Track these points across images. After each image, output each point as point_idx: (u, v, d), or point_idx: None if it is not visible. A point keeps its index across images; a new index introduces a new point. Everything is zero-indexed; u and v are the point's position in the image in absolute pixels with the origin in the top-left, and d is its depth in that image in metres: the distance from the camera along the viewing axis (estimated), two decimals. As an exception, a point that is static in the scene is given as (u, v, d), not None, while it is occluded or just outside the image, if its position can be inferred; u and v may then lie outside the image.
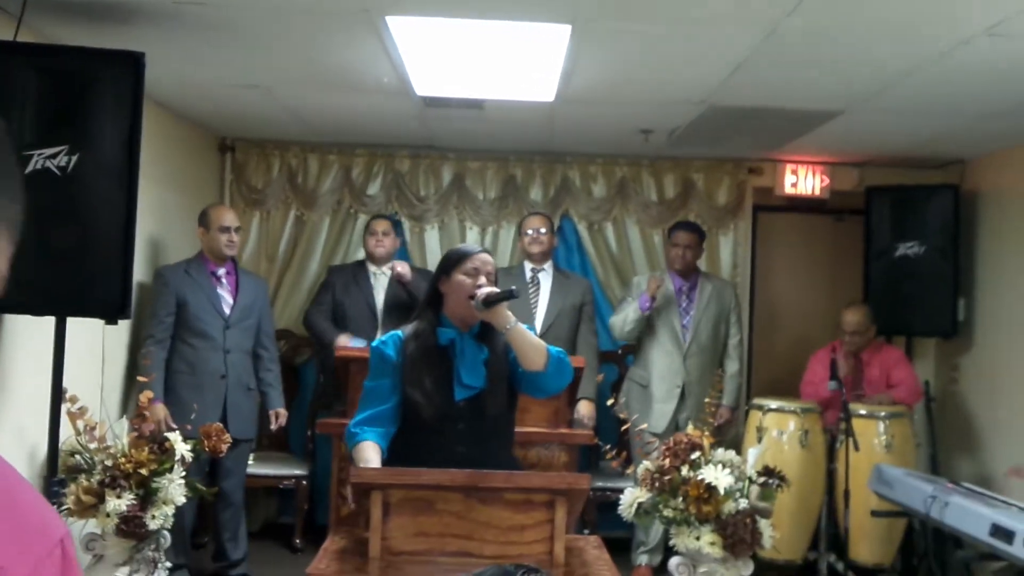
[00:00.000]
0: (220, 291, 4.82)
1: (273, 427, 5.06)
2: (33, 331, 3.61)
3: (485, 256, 2.99)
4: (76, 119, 3.18)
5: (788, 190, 6.13)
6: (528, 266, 5.42)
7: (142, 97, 3.26)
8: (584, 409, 5.17)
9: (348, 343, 5.18)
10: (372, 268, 5.52)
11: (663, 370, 5.34)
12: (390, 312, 5.33)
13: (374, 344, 2.99)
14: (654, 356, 5.37)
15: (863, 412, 4.93)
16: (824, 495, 4.95)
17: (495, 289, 2.89)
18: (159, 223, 5.07)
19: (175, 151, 5.31)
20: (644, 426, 4.85)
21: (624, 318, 5.30)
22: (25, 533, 0.82)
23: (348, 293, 5.46)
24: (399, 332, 2.99)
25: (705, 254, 6.06)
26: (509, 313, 2.87)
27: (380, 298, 5.44)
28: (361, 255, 5.79)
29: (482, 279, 2.90)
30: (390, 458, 2.90)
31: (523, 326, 2.89)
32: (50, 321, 3.40)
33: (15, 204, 0.87)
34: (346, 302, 5.45)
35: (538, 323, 5.25)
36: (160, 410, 4.50)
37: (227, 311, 4.80)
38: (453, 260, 2.99)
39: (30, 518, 0.84)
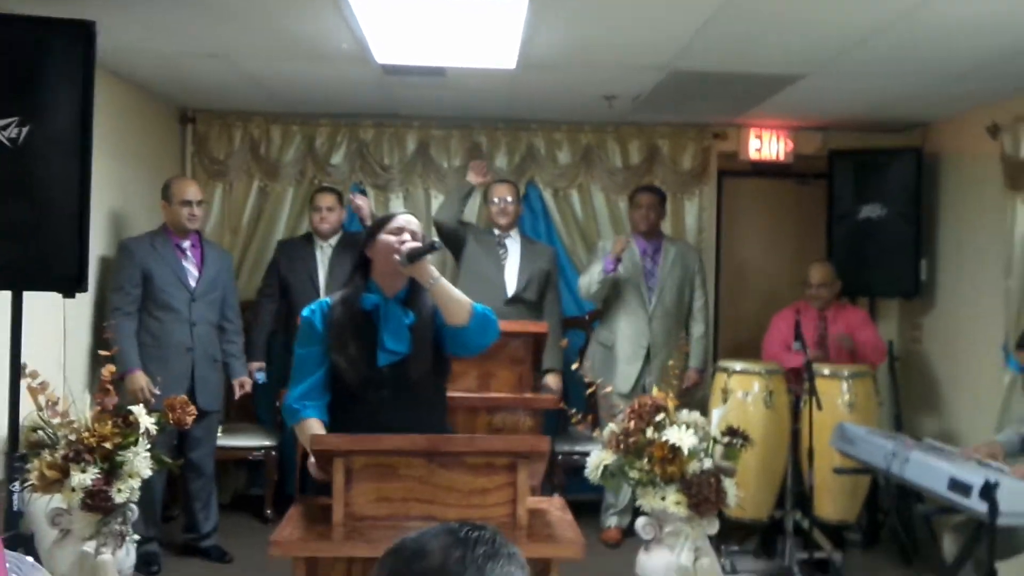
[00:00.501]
0: (185, 264, 4.79)
1: (237, 396, 5.07)
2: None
3: (409, 216, 3.02)
4: (26, 90, 3.13)
5: (752, 155, 6.16)
6: (496, 232, 5.42)
7: (93, 67, 3.21)
8: (552, 382, 5.20)
9: (254, 375, 5.31)
10: (318, 242, 5.50)
11: (628, 332, 5.38)
12: (331, 288, 5.31)
13: (304, 312, 2.98)
14: (619, 318, 5.41)
15: (827, 372, 4.99)
16: (789, 454, 5.01)
17: (418, 244, 2.90)
18: (120, 196, 5.02)
19: (134, 123, 5.24)
20: (609, 388, 4.90)
21: (590, 279, 5.33)
22: None
23: (293, 269, 5.47)
24: (327, 299, 3.01)
25: (671, 219, 6.11)
26: (432, 268, 2.90)
27: (323, 273, 5.44)
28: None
29: (406, 235, 2.91)
30: (329, 424, 2.93)
31: (445, 281, 2.91)
32: (6, 296, 3.37)
33: None
34: (290, 278, 5.46)
35: (510, 285, 5.26)
36: (140, 378, 4.49)
37: (192, 284, 4.77)
38: (378, 223, 3.02)
39: None
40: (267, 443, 5.56)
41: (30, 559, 2.25)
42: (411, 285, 2.97)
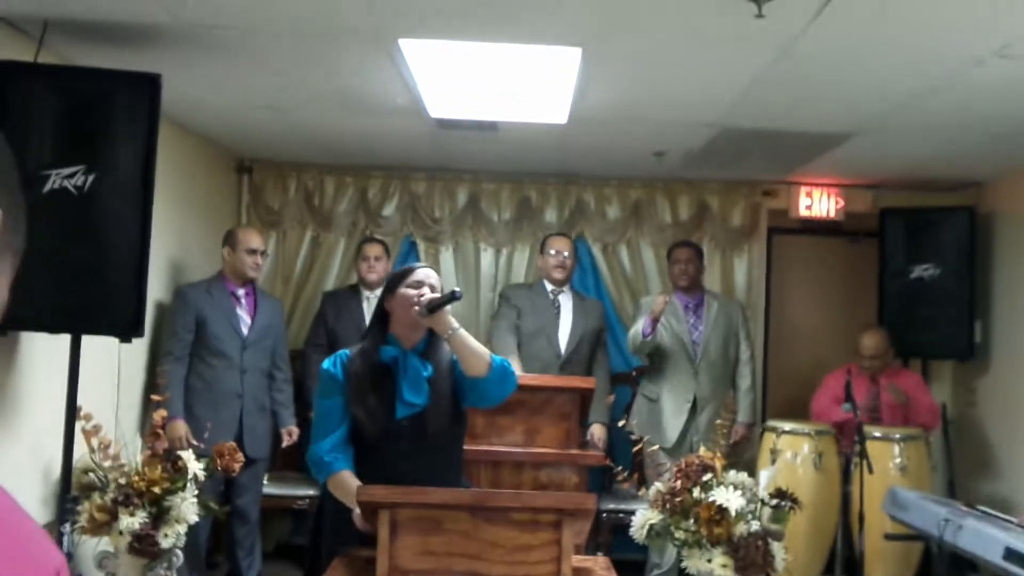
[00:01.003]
0: (239, 311, 4.86)
1: (284, 444, 5.09)
2: (49, 349, 3.64)
3: (428, 270, 3.06)
4: (93, 139, 3.23)
5: (803, 212, 6.13)
6: (548, 286, 5.43)
7: (158, 118, 3.31)
8: (597, 432, 5.17)
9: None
10: (365, 293, 5.53)
11: (674, 385, 5.34)
12: None
13: (324, 364, 3.02)
14: (665, 371, 5.37)
15: (878, 435, 4.91)
16: (839, 518, 4.91)
17: (436, 295, 2.93)
18: (178, 244, 5.12)
19: (193, 172, 5.37)
20: (656, 447, 4.85)
21: (634, 337, 5.30)
22: (22, 566, 0.81)
23: (340, 319, 5.48)
24: (346, 351, 3.04)
25: (720, 276, 6.09)
26: (451, 319, 2.91)
27: None
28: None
29: (425, 289, 2.94)
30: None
31: (464, 332, 2.92)
32: (66, 339, 3.44)
33: (21, 233, 0.88)
34: (338, 328, 5.46)
35: (563, 343, 5.26)
36: (180, 427, 4.54)
37: (245, 331, 4.84)
38: (397, 277, 3.05)
39: (26, 548, 0.83)
40: (312, 492, 5.55)
41: None
42: (429, 338, 3.01)
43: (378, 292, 5.46)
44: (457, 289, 3.02)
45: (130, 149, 3.27)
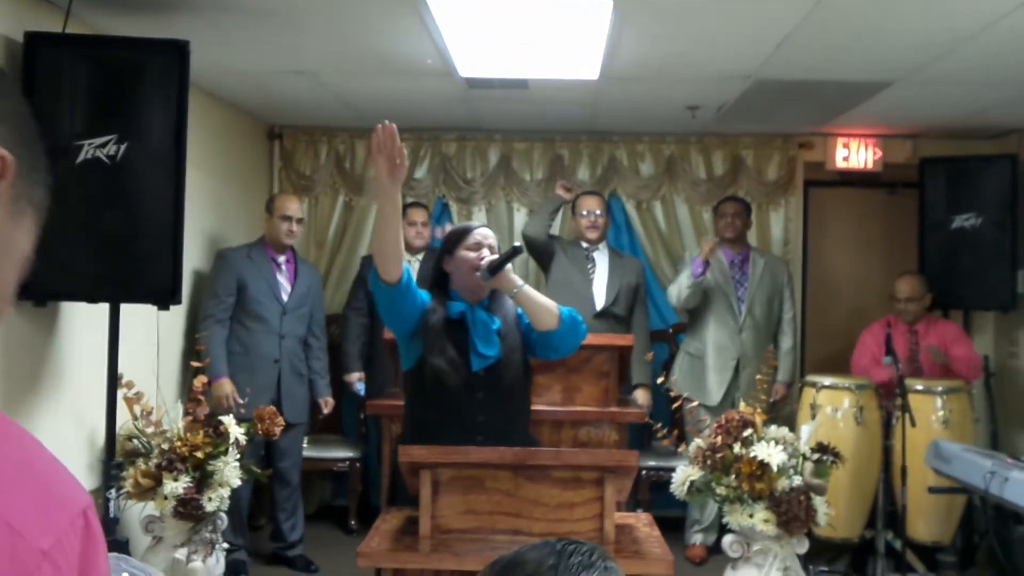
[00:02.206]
0: (279, 277, 4.88)
1: (323, 413, 5.14)
2: (89, 318, 3.68)
3: (486, 230, 3.06)
4: (124, 109, 3.23)
5: (840, 164, 6.03)
6: (583, 244, 5.40)
7: (188, 85, 3.30)
8: (641, 397, 5.17)
9: (354, 385, 5.43)
10: (407, 257, 5.48)
11: (719, 342, 5.30)
12: None
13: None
14: (709, 328, 5.33)
15: (920, 388, 4.85)
16: (880, 472, 4.86)
17: (496, 256, 2.92)
18: (212, 212, 5.14)
19: (225, 140, 5.37)
20: (696, 403, 4.83)
21: (679, 286, 5.24)
22: (47, 504, 0.81)
23: None
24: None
25: (756, 230, 6.02)
26: (515, 276, 2.93)
27: None
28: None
29: (485, 251, 2.93)
30: (412, 428, 2.99)
31: (529, 288, 2.92)
32: (105, 308, 3.47)
33: (40, 186, 0.87)
34: None
35: (599, 298, 5.23)
36: (226, 385, 4.59)
37: (285, 297, 4.86)
38: (455, 238, 3.05)
39: (52, 489, 0.83)
40: (352, 455, 5.61)
41: (137, 562, 2.31)
42: (492, 292, 3.01)
43: (419, 256, 5.46)
44: (518, 244, 3.00)
45: (161, 117, 3.27)
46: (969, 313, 5.84)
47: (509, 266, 2.92)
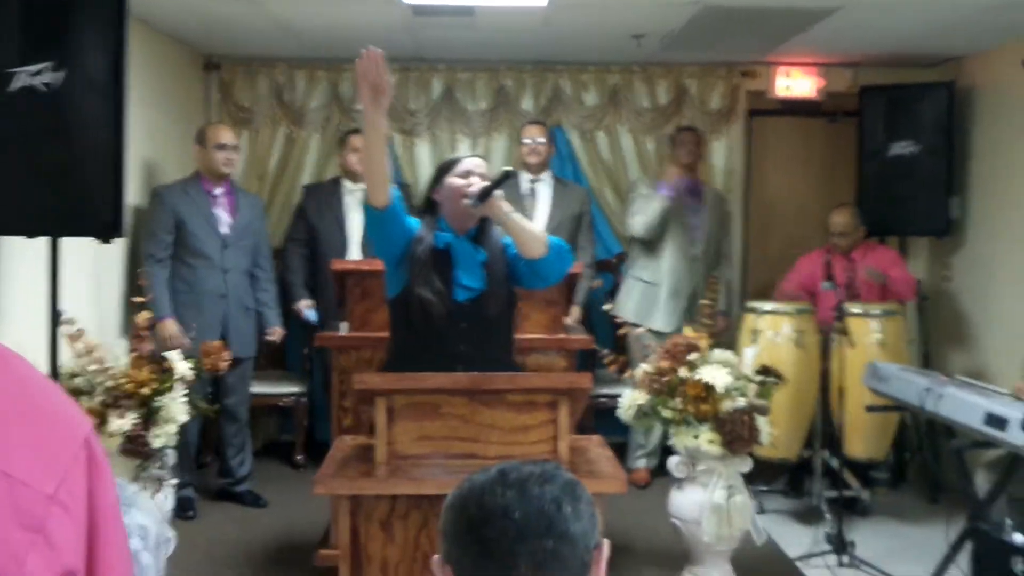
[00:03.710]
0: (217, 211, 4.79)
1: (269, 340, 5.07)
2: (27, 253, 3.59)
3: (476, 159, 3.08)
4: (59, 35, 3.12)
5: (782, 92, 6.08)
6: (526, 176, 5.38)
7: (127, 10, 3.20)
8: (573, 313, 5.19)
9: (303, 313, 5.32)
10: (348, 186, 5.40)
11: (676, 269, 5.33)
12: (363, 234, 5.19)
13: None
14: (664, 256, 5.35)
15: (857, 311, 4.97)
16: (819, 393, 5.02)
17: (486, 183, 2.92)
18: (149, 145, 5.02)
19: (160, 70, 5.23)
20: (642, 329, 4.89)
21: (650, 214, 5.22)
22: (49, 440, 0.77)
23: (321, 213, 5.38)
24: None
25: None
26: (505, 203, 2.93)
27: (354, 219, 5.27)
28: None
29: (473, 179, 2.93)
30: (395, 357, 3.00)
31: (519, 215, 2.94)
32: (43, 243, 3.39)
33: None
34: (319, 224, 5.38)
35: None
36: (170, 325, 4.52)
37: (225, 231, 4.78)
38: (445, 166, 3.08)
39: (51, 423, 0.78)
40: (297, 390, 5.61)
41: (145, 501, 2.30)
42: (480, 223, 3.02)
43: (362, 185, 5.37)
44: (509, 168, 3.01)
45: (99, 43, 3.17)
46: (905, 239, 5.98)
47: (498, 192, 2.92)
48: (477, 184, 2.93)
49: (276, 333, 5.05)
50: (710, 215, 5.45)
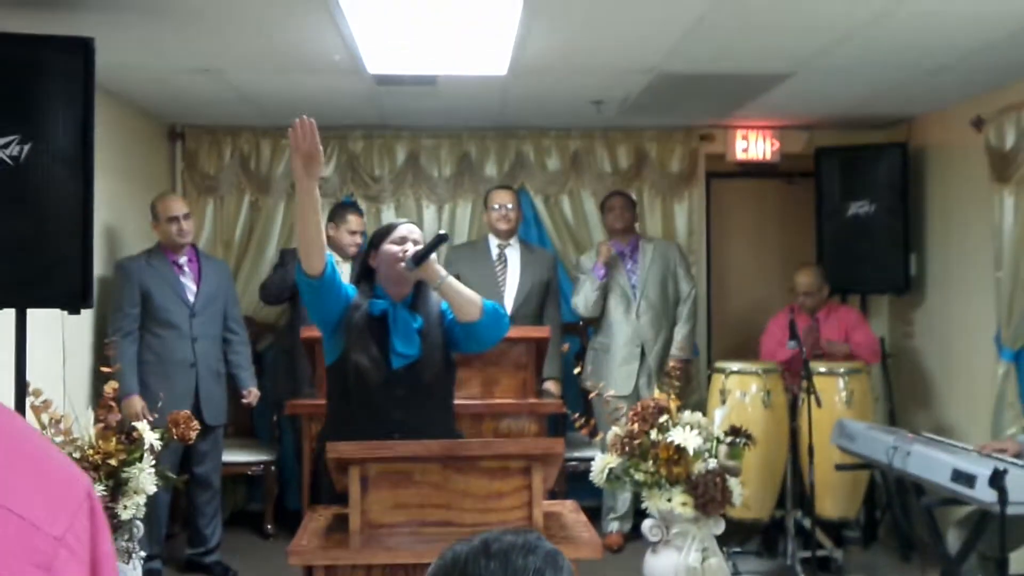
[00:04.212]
0: (183, 279, 4.78)
1: (245, 402, 5.01)
2: (-8, 326, 3.55)
3: (410, 226, 3.10)
4: (26, 108, 3.12)
5: (740, 155, 6.20)
6: (494, 241, 5.43)
7: (93, 83, 3.21)
8: (552, 388, 5.22)
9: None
10: (337, 257, 5.43)
11: (622, 333, 5.43)
12: None
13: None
14: (611, 321, 5.47)
15: (823, 370, 5.03)
16: (788, 453, 5.04)
17: (420, 247, 2.97)
18: (113, 214, 5.00)
19: (124, 140, 5.23)
20: (611, 392, 4.90)
21: (585, 296, 5.39)
22: (57, 489, 0.82)
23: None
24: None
25: (661, 222, 6.17)
26: (439, 268, 2.97)
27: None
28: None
29: (408, 245, 2.97)
30: (331, 424, 3.04)
31: (453, 279, 2.97)
32: (10, 314, 3.35)
33: None
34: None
35: (508, 301, 5.26)
36: (136, 403, 4.46)
37: (191, 299, 4.76)
38: (381, 233, 3.11)
39: (58, 474, 0.84)
40: (266, 458, 5.54)
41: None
42: (416, 290, 3.03)
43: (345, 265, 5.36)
44: (442, 232, 3.03)
45: (66, 116, 3.16)
46: (866, 297, 6.08)
47: (433, 256, 2.96)
48: (412, 249, 2.96)
49: (252, 395, 5.00)
50: (650, 269, 5.52)
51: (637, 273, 5.52)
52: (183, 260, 4.80)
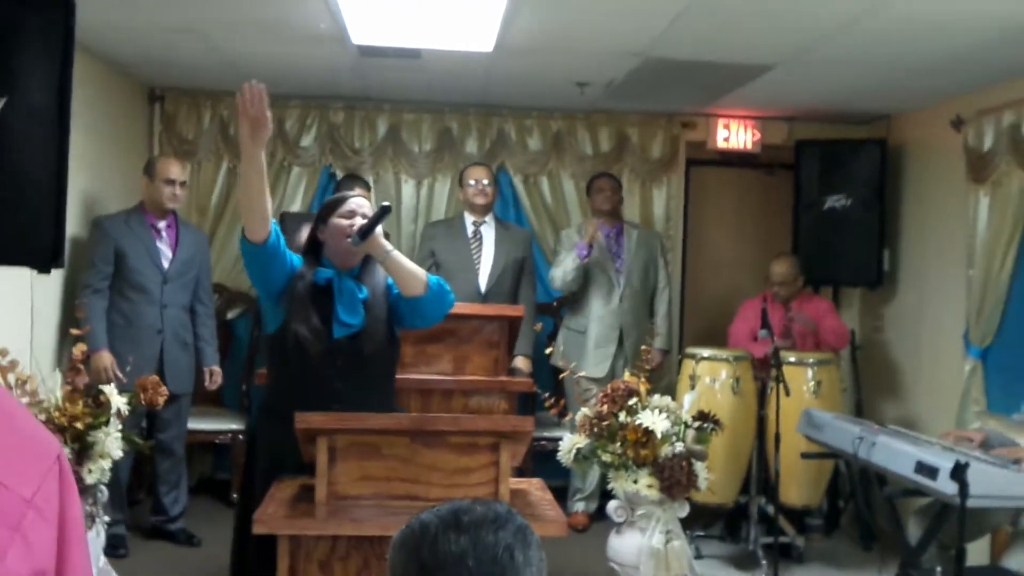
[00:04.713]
0: (159, 244, 4.73)
1: (208, 384, 4.99)
2: (-40, 283, 3.51)
3: (359, 199, 3.10)
4: (2, 64, 3.07)
5: (720, 144, 6.22)
6: (469, 218, 5.39)
7: (73, 40, 3.16)
8: (522, 364, 5.21)
9: None
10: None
11: (601, 316, 5.42)
12: None
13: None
14: (591, 303, 5.45)
15: (792, 359, 5.07)
16: (755, 440, 5.09)
17: (365, 221, 2.97)
18: (90, 175, 4.95)
19: (103, 100, 5.17)
20: (582, 373, 4.92)
21: (564, 270, 5.34)
22: (27, 451, 0.83)
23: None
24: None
25: (639, 207, 6.18)
26: (385, 242, 2.98)
27: None
28: (296, 207, 5.81)
29: (357, 219, 2.97)
30: (272, 395, 3.06)
31: (399, 253, 2.98)
32: (-22, 272, 3.32)
33: None
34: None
35: (482, 279, 5.25)
36: (105, 357, 4.43)
37: (166, 265, 4.72)
38: (329, 206, 3.10)
39: (29, 437, 0.85)
40: (234, 427, 5.53)
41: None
42: (363, 262, 3.06)
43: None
44: (385, 203, 3.02)
45: (44, 73, 3.12)
46: (838, 289, 6.13)
47: (379, 230, 2.96)
48: (358, 222, 2.96)
49: (214, 374, 4.96)
50: (635, 256, 5.52)
51: (623, 258, 5.50)
52: (162, 225, 4.76)
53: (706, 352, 5.16)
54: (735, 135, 6.23)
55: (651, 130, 6.25)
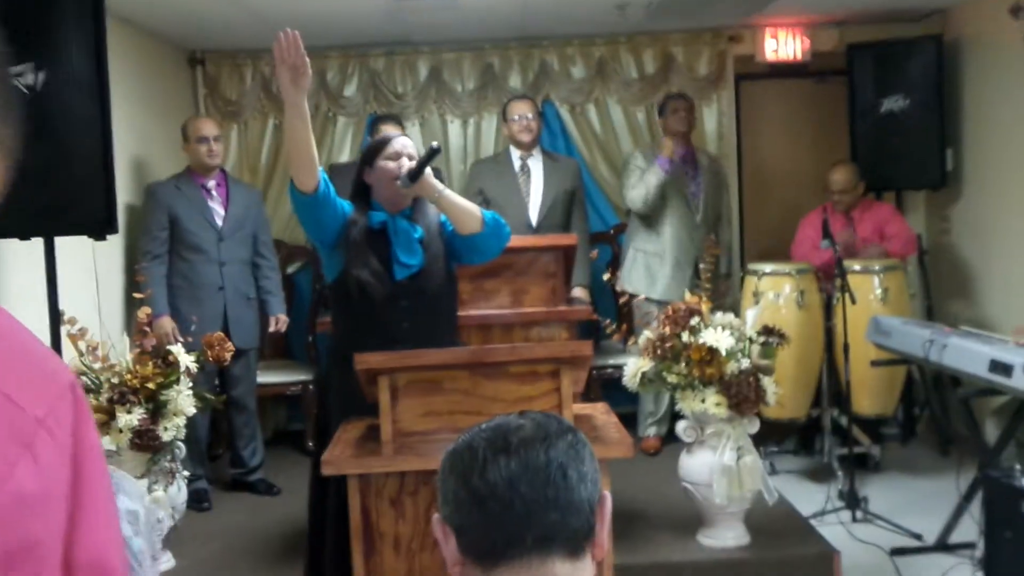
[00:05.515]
0: (211, 204, 4.78)
1: (275, 329, 5.02)
2: (23, 255, 3.59)
3: (405, 139, 3.07)
4: (38, 36, 3.11)
5: (769, 56, 6.04)
6: (516, 153, 5.32)
7: (103, 8, 3.18)
8: (580, 294, 5.16)
9: None
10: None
11: (679, 238, 5.26)
12: None
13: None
14: (666, 226, 5.29)
15: (857, 268, 4.97)
16: (824, 352, 5.01)
17: (414, 162, 2.93)
18: (139, 143, 5.01)
19: (146, 69, 5.21)
20: (643, 296, 4.87)
21: (647, 187, 5.14)
22: (39, 377, 0.84)
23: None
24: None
25: (692, 126, 6.04)
26: (436, 182, 2.94)
27: None
28: (344, 157, 5.81)
29: (403, 160, 2.94)
30: (338, 340, 3.08)
31: (451, 192, 2.96)
32: (39, 244, 3.39)
33: (7, 126, 0.87)
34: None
35: (532, 212, 5.20)
36: (167, 323, 4.51)
37: (219, 223, 4.77)
38: (374, 149, 3.07)
39: (42, 364, 0.86)
40: (303, 378, 5.62)
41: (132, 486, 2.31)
42: (414, 202, 3.04)
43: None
44: (435, 143, 3.00)
45: (79, 41, 3.15)
46: (901, 193, 5.97)
47: (429, 171, 2.94)
48: (407, 164, 2.93)
49: (280, 321, 5.02)
50: (706, 180, 5.39)
51: (698, 181, 5.38)
52: (211, 184, 4.81)
53: (768, 268, 5.08)
54: (784, 45, 6.05)
55: (696, 47, 6.10)
